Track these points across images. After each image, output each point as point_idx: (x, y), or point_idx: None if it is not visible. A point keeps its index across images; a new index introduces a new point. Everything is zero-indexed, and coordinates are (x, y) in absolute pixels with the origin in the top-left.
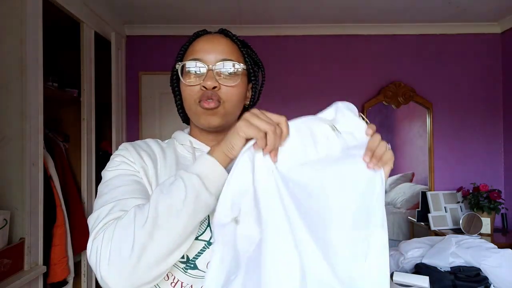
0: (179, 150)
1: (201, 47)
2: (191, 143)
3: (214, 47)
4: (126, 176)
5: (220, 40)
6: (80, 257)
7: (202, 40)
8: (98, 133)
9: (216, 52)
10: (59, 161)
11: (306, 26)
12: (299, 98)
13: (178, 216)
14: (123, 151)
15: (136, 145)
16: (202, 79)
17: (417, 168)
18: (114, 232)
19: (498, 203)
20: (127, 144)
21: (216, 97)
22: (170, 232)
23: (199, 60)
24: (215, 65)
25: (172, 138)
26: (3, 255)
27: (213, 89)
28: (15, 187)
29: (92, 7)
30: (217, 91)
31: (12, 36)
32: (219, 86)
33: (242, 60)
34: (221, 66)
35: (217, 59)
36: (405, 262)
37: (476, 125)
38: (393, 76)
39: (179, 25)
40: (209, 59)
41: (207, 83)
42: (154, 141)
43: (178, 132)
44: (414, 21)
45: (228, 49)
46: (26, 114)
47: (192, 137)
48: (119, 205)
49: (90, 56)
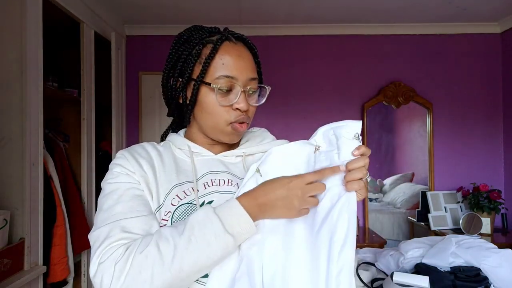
0: (177, 154)
1: (233, 63)
2: (189, 148)
3: (245, 64)
4: (126, 190)
5: (247, 55)
6: (80, 257)
7: (231, 52)
8: (98, 133)
9: (246, 70)
10: (59, 161)
11: (306, 26)
12: (299, 98)
13: (201, 271)
14: (121, 160)
15: (134, 152)
16: (235, 99)
17: (417, 168)
18: (129, 270)
19: (498, 203)
20: (125, 152)
21: (248, 119)
22: (190, 278)
23: (232, 78)
24: (247, 87)
25: (168, 141)
26: (3, 255)
27: (245, 111)
28: (15, 187)
29: (92, 7)
30: (248, 112)
31: (12, 36)
32: (248, 108)
33: (257, 72)
34: (251, 88)
35: (248, 77)
36: (405, 262)
37: (476, 125)
38: (393, 76)
39: (179, 25)
40: (241, 77)
41: (242, 106)
42: (150, 145)
43: (173, 135)
44: (414, 21)
45: (252, 64)
46: (26, 114)
47: (189, 140)
48: (118, 226)
49: (90, 56)
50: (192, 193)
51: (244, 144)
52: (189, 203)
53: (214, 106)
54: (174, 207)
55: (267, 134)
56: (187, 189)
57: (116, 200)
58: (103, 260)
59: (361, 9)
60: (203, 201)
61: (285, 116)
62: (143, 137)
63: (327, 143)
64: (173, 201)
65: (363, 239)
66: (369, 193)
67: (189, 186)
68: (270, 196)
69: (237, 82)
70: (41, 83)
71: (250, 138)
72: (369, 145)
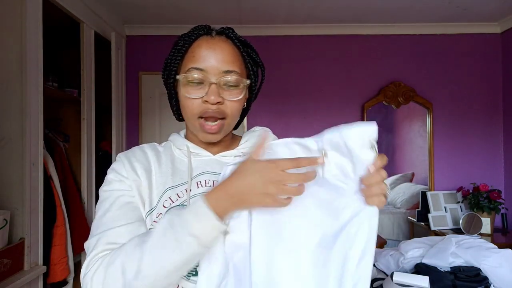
0: (176, 154)
1: (203, 54)
2: (188, 148)
3: (216, 56)
4: (116, 198)
5: (222, 46)
6: (80, 257)
7: (204, 45)
8: (98, 133)
9: (219, 61)
10: (59, 161)
11: (306, 26)
12: (299, 98)
13: (169, 277)
14: (117, 165)
15: (132, 156)
16: (205, 92)
17: (417, 168)
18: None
19: (498, 203)
20: (122, 156)
21: (220, 113)
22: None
23: (201, 70)
24: (218, 78)
25: (169, 141)
26: (3, 255)
27: (216, 104)
28: (15, 187)
29: (92, 7)
30: (220, 105)
31: (12, 36)
32: (222, 100)
33: (243, 65)
34: (224, 79)
35: (220, 70)
36: (405, 262)
37: (476, 125)
38: (393, 76)
39: (179, 25)
40: (212, 70)
41: (211, 98)
42: (150, 146)
43: (175, 135)
44: (414, 21)
45: (231, 57)
46: (26, 114)
47: (188, 141)
48: (104, 237)
49: (90, 56)
50: (185, 195)
51: (243, 144)
52: (181, 205)
53: (183, 99)
54: (165, 209)
55: (268, 133)
56: (180, 192)
57: (107, 209)
58: (87, 272)
59: (361, 9)
60: None
61: (285, 116)
62: (143, 137)
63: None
64: (165, 203)
65: None
66: None
67: (183, 188)
68: (242, 184)
69: (207, 74)
70: (41, 83)
71: (250, 138)
72: None
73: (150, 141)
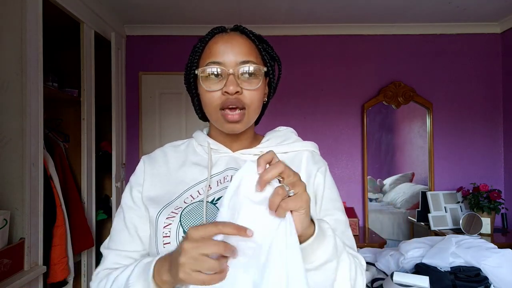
0: (198, 150)
1: (220, 49)
2: (209, 144)
3: (233, 48)
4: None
5: (238, 40)
6: (80, 257)
7: (219, 40)
8: (98, 133)
9: (235, 54)
10: (59, 161)
11: (306, 26)
12: (299, 98)
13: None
14: (136, 171)
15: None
16: (223, 84)
17: (417, 168)
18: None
19: (498, 203)
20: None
21: (240, 103)
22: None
23: (219, 63)
24: (235, 68)
25: (192, 138)
26: (3, 255)
27: (235, 94)
28: (15, 187)
29: (92, 7)
30: (240, 95)
31: (12, 36)
32: (241, 90)
33: (260, 58)
34: (242, 69)
35: (237, 61)
36: (405, 262)
37: (476, 125)
38: (393, 76)
39: (179, 25)
40: (229, 62)
41: (229, 88)
42: (171, 147)
43: (198, 132)
44: (414, 21)
45: (247, 49)
46: (26, 114)
47: (210, 138)
48: (112, 255)
49: (90, 56)
50: (204, 193)
51: (264, 143)
52: (199, 201)
53: (204, 93)
54: (186, 205)
55: (291, 134)
56: (200, 189)
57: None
58: (92, 281)
59: (361, 9)
60: (213, 198)
61: (285, 116)
62: (143, 137)
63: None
64: (186, 200)
65: (363, 239)
66: (369, 193)
67: (203, 185)
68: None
69: (224, 67)
70: (41, 83)
71: (271, 137)
72: (369, 145)
73: (149, 141)
